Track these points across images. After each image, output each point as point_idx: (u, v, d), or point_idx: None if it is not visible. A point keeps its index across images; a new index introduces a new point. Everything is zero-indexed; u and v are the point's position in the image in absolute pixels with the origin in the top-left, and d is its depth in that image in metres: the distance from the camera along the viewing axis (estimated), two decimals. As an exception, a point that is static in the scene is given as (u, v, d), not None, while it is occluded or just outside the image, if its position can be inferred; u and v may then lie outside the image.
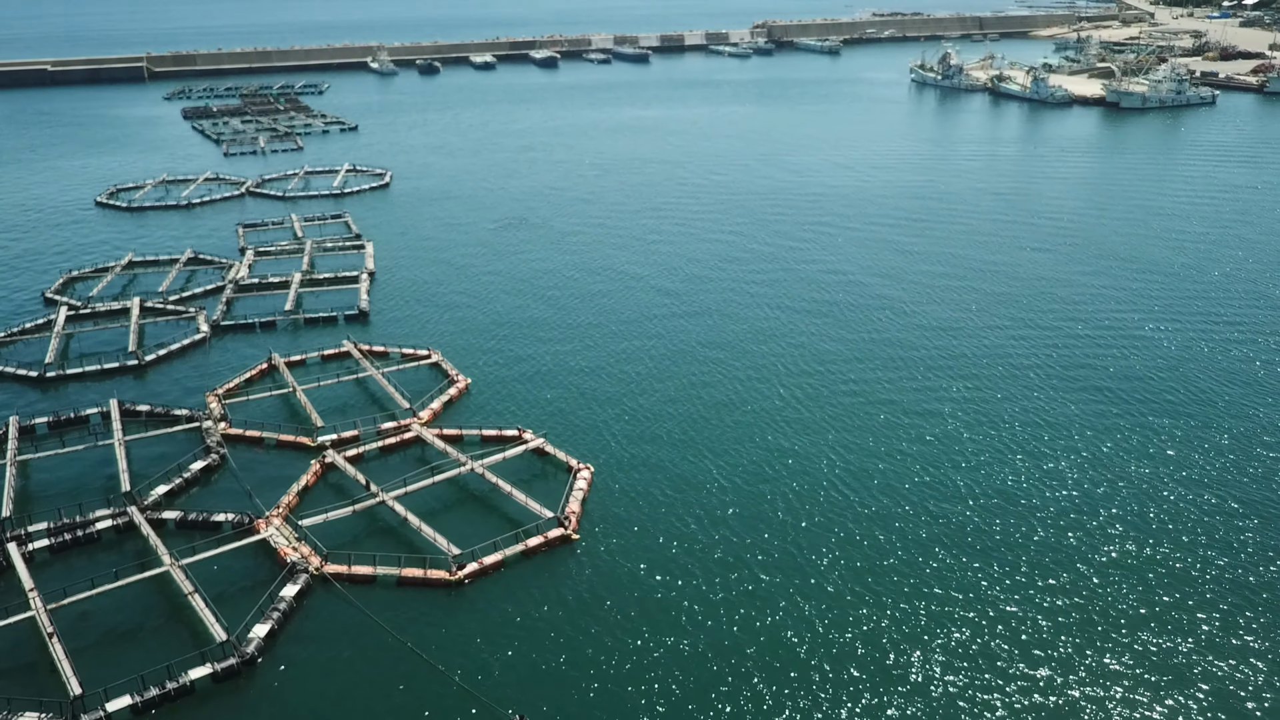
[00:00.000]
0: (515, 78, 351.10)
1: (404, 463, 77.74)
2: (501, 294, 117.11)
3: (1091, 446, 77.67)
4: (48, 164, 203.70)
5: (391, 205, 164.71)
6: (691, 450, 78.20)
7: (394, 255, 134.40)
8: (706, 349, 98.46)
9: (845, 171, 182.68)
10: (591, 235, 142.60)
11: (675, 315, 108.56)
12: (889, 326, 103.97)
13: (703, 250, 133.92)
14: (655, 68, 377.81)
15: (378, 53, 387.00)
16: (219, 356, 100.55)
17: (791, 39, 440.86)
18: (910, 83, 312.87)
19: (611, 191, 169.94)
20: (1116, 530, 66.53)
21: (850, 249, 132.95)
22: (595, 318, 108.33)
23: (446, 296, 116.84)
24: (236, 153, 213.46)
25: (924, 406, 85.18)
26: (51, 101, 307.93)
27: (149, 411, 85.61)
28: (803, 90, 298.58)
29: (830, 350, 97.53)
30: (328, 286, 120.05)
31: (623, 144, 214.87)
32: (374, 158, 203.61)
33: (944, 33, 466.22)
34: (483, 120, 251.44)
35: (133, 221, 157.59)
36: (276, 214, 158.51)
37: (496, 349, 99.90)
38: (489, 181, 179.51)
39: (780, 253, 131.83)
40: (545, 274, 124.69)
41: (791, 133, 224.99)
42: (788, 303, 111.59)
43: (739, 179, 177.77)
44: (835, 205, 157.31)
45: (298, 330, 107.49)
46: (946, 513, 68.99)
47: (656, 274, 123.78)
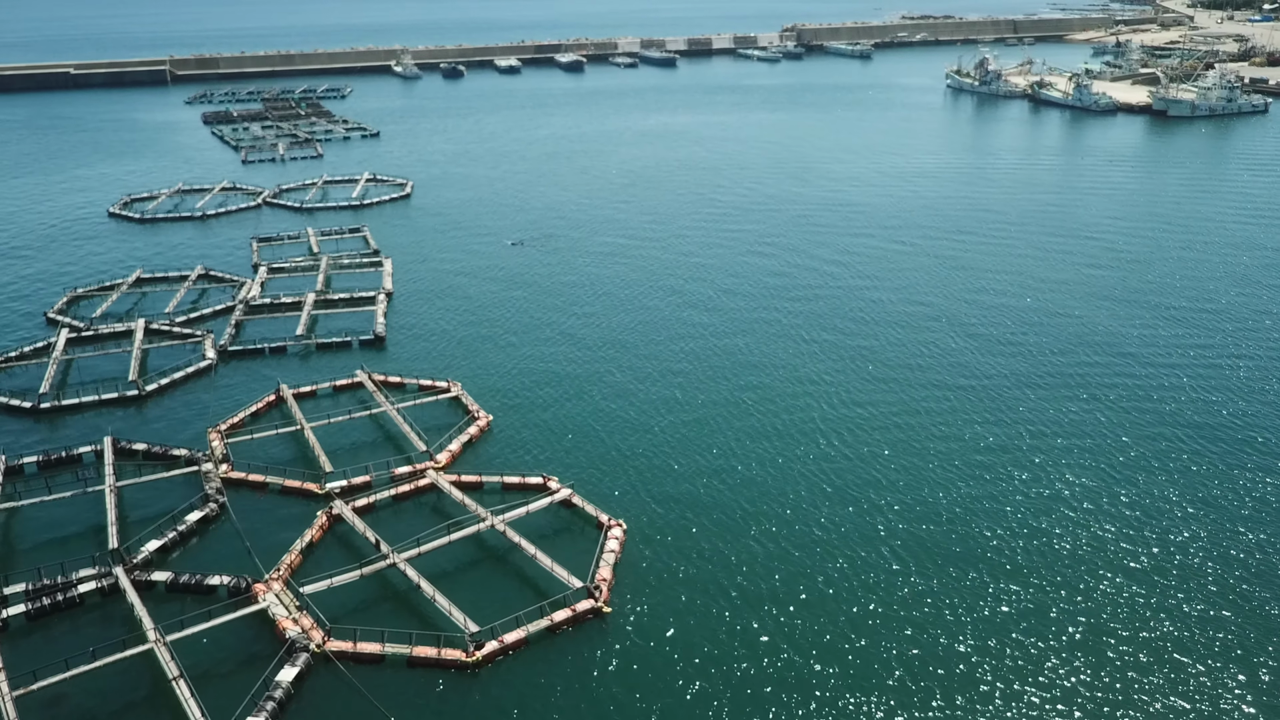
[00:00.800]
0: (540, 82, 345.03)
1: (418, 513, 71.09)
2: (525, 317, 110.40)
3: (1198, 488, 69.93)
4: (63, 172, 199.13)
5: (412, 217, 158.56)
6: (732, 505, 71.05)
7: (413, 273, 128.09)
8: (746, 376, 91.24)
9: (884, 182, 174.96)
10: (620, 251, 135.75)
11: (711, 342, 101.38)
12: (942, 354, 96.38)
13: (739, 267, 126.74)
14: (682, 72, 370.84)
15: (401, 56, 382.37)
16: (225, 385, 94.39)
17: (821, 43, 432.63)
18: (946, 88, 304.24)
19: (639, 203, 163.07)
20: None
21: (896, 267, 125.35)
22: (626, 344, 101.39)
23: (467, 320, 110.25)
24: (255, 160, 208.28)
25: (992, 442, 77.67)
26: (73, 105, 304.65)
27: (146, 451, 79.45)
28: (835, 96, 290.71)
29: (880, 384, 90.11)
30: (343, 308, 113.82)
31: (650, 152, 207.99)
32: (395, 166, 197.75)
33: (977, 36, 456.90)
34: (505, 127, 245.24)
35: (145, 234, 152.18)
36: (293, 227, 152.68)
37: (520, 380, 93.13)
38: (512, 192, 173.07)
39: (822, 271, 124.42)
40: (571, 295, 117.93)
41: (826, 141, 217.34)
42: (833, 328, 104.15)
43: (774, 190, 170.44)
44: (877, 218, 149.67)
45: (309, 356, 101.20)
46: (1043, 594, 61.58)
47: (690, 294, 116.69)
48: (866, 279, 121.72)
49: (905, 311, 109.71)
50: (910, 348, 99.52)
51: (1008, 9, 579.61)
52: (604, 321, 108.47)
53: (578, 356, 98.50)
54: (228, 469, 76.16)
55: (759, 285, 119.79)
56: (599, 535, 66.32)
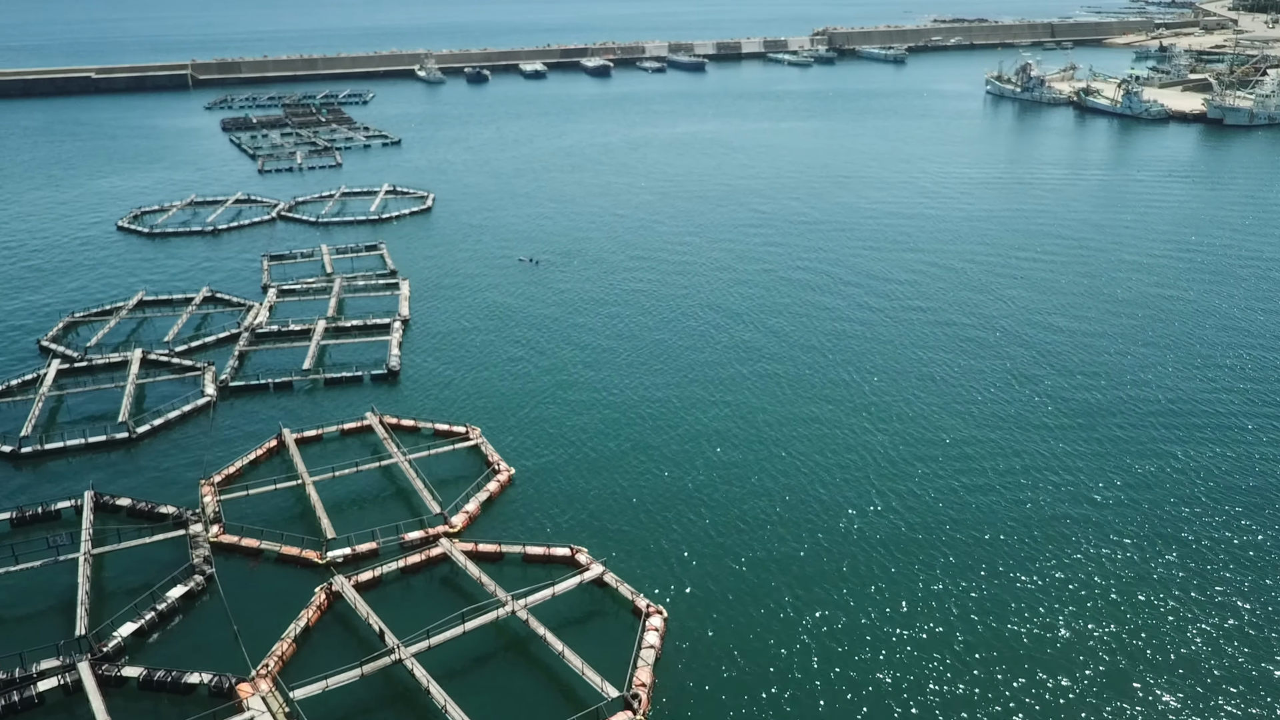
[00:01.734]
0: (566, 87, 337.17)
1: (429, 591, 62.66)
2: (551, 348, 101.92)
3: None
4: (74, 182, 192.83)
5: (432, 233, 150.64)
6: (780, 590, 62.18)
7: (432, 296, 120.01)
8: (797, 427, 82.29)
9: (929, 195, 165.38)
10: (651, 272, 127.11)
11: (755, 383, 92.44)
12: (1024, 386, 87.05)
13: (780, 289, 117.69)
14: (712, 77, 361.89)
15: (425, 60, 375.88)
16: (224, 427, 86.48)
17: (853, 47, 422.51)
18: (986, 95, 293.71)
19: (670, 218, 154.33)
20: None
21: (953, 287, 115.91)
22: (663, 379, 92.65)
23: (488, 351, 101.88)
24: (272, 169, 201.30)
25: (1075, 509, 68.40)
26: (92, 110, 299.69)
27: (130, 507, 71.55)
28: (870, 103, 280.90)
29: (954, 423, 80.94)
30: (355, 336, 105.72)
31: (680, 162, 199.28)
32: (416, 177, 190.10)
33: (1014, 40, 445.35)
34: (528, 135, 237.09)
35: (154, 250, 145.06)
36: (307, 243, 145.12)
37: (545, 425, 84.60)
38: (536, 205, 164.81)
39: (875, 291, 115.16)
40: (601, 322, 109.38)
41: (863, 151, 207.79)
42: (893, 359, 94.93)
43: (812, 203, 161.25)
44: (925, 234, 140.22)
45: (316, 393, 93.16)
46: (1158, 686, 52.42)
47: (730, 321, 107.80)
48: (923, 301, 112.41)
49: (971, 338, 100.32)
50: (985, 379, 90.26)
51: (1040, 12, 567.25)
52: (636, 354, 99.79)
53: (608, 399, 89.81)
54: (219, 531, 68.08)
55: (804, 310, 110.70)
56: (636, 624, 57.63)
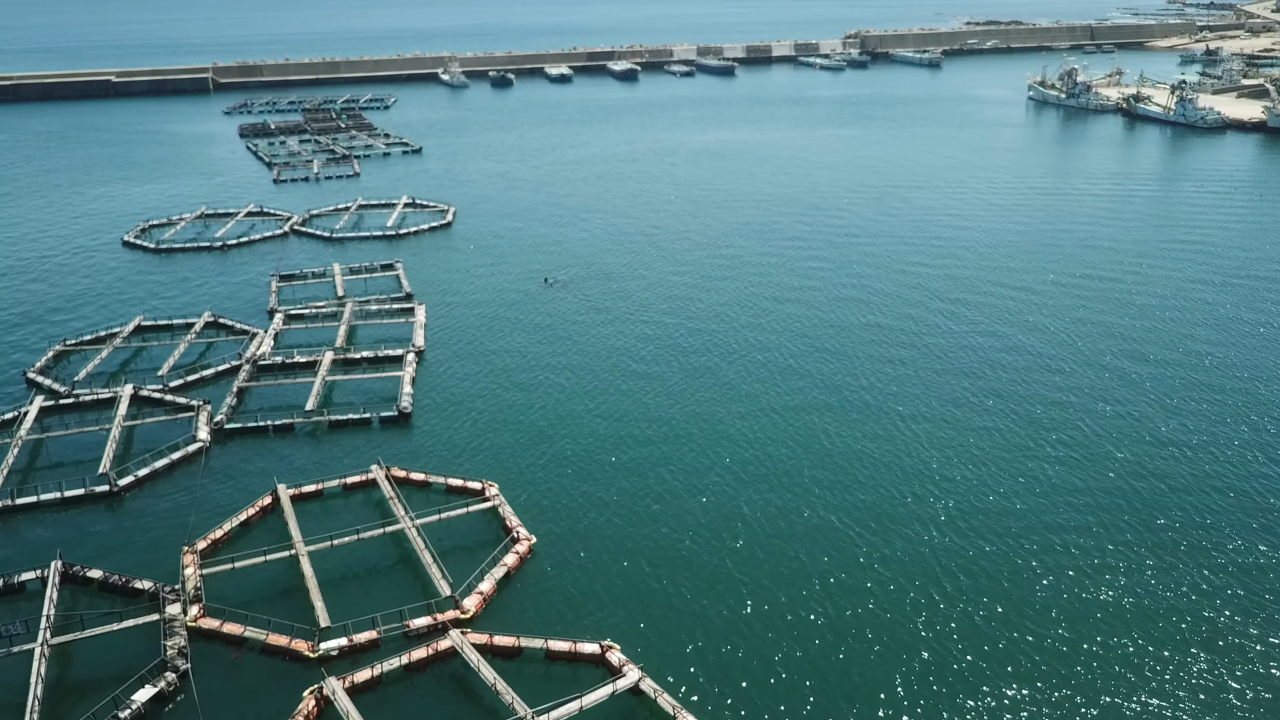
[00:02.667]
0: (591, 91, 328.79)
1: (436, 694, 54.02)
2: (579, 385, 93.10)
3: None
4: (83, 191, 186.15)
5: (452, 250, 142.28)
6: (844, 712, 53.09)
7: (449, 322, 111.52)
8: (854, 492, 73.14)
9: (976, 210, 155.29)
10: (686, 294, 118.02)
11: (806, 436, 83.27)
12: (1143, 452, 77.47)
13: (830, 315, 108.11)
14: (741, 81, 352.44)
15: (449, 64, 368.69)
16: (216, 476, 78.27)
17: (887, 50, 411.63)
18: (1028, 101, 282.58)
19: (702, 234, 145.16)
20: None
21: (1018, 313, 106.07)
22: (703, 428, 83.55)
23: (509, 388, 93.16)
24: (288, 179, 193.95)
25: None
26: (109, 115, 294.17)
27: (102, 580, 63.34)
28: (907, 109, 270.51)
29: (1033, 481, 71.51)
30: (365, 370, 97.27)
31: (710, 173, 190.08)
32: (436, 187, 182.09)
33: (1052, 43, 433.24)
34: (552, 143, 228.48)
35: (158, 267, 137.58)
36: (319, 260, 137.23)
37: (572, 478, 75.80)
38: (558, 220, 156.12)
39: (929, 322, 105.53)
40: (632, 351, 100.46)
41: (904, 161, 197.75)
42: (963, 404, 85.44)
43: (854, 218, 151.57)
44: (978, 254, 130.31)
45: (320, 437, 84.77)
46: None
47: (773, 353, 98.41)
48: (990, 333, 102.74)
49: (1050, 382, 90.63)
50: (1082, 431, 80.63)
51: (1076, 14, 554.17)
52: (674, 392, 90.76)
53: (644, 446, 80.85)
54: (199, 613, 59.64)
55: (858, 342, 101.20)
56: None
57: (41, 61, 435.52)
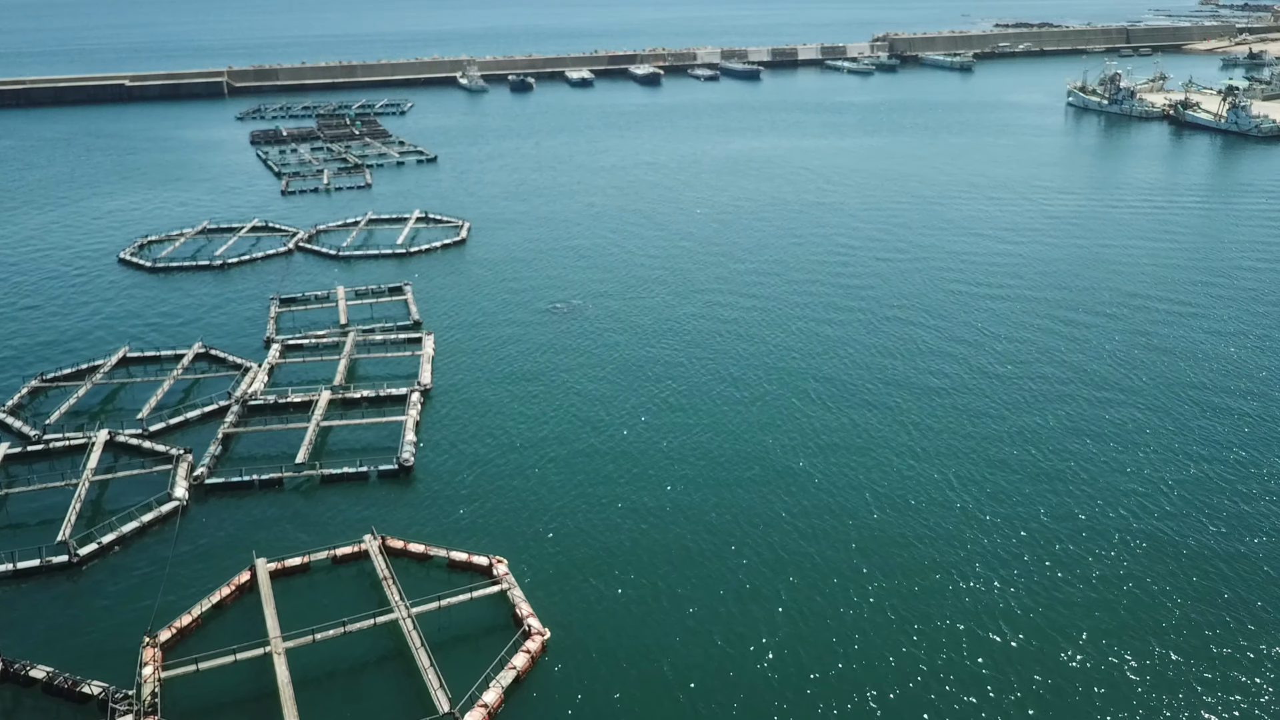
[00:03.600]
0: (613, 96, 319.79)
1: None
2: (603, 434, 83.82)
3: None
4: (84, 202, 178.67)
5: (465, 270, 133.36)
6: None
7: (459, 355, 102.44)
8: (912, 576, 63.57)
9: (1030, 228, 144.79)
10: (722, 324, 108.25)
11: (865, 510, 73.75)
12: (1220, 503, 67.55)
13: (878, 354, 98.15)
14: (767, 85, 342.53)
15: (467, 68, 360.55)
16: (191, 539, 69.53)
17: (916, 53, 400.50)
18: (1067, 107, 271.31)
19: (731, 253, 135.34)
20: None
21: (1077, 352, 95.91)
22: (752, 491, 74.17)
23: (523, 436, 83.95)
24: (297, 190, 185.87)
25: None
26: (120, 121, 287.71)
27: (47, 682, 54.61)
28: (939, 116, 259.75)
29: (1113, 554, 61.74)
30: (364, 414, 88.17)
31: (737, 185, 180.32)
32: (450, 200, 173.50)
33: (1086, 46, 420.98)
34: (570, 151, 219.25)
35: (153, 288, 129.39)
36: (324, 281, 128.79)
37: (593, 553, 66.53)
38: (577, 236, 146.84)
39: (993, 352, 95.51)
40: (660, 395, 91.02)
41: (941, 173, 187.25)
42: (1039, 455, 75.72)
43: (896, 236, 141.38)
44: (1036, 279, 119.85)
45: (311, 494, 75.90)
46: None
47: (818, 402, 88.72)
48: (1043, 364, 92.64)
49: (1124, 422, 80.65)
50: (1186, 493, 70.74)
51: (1107, 15, 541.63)
52: (708, 444, 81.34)
53: (675, 514, 71.49)
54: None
55: (917, 389, 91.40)
56: None
57: (58, 65, 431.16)
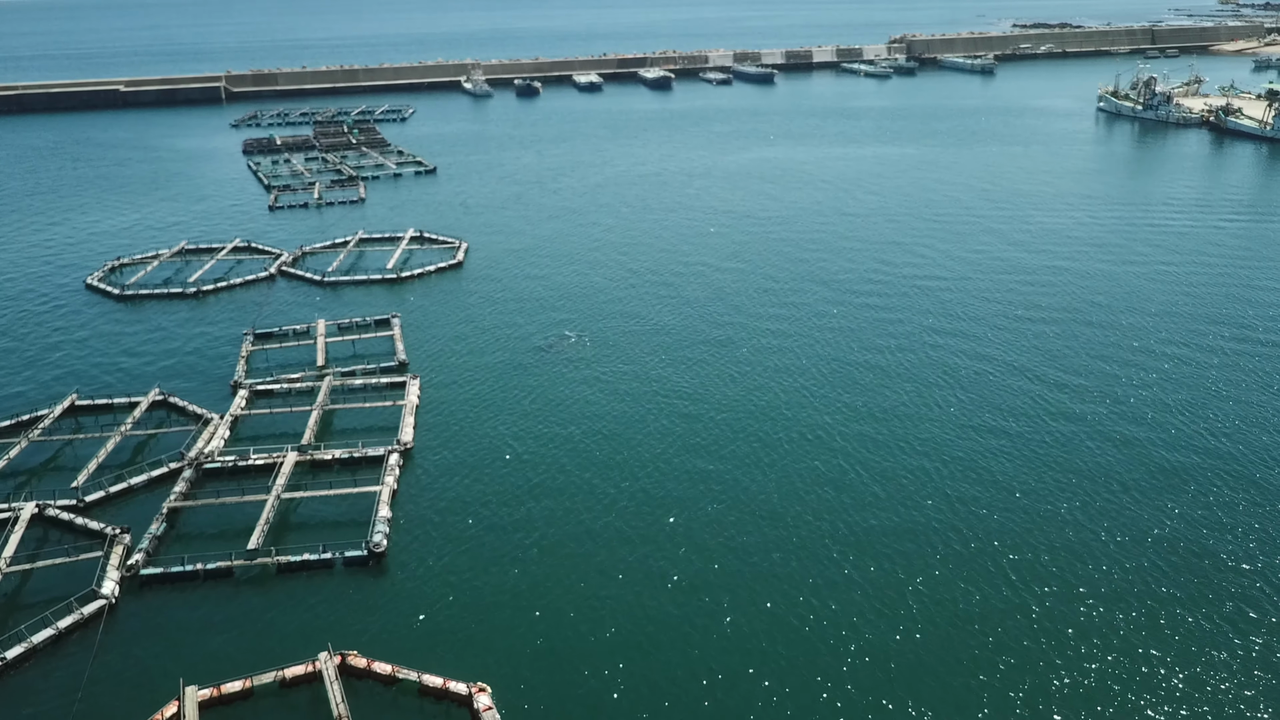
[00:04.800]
0: (622, 101, 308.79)
1: None
2: (600, 516, 72.56)
3: None
4: (60, 218, 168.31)
5: (460, 298, 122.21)
6: None
7: (447, 406, 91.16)
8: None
9: (1069, 249, 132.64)
10: (730, 370, 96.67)
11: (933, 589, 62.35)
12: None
13: (936, 406, 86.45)
14: (781, 90, 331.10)
15: (472, 72, 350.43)
16: (115, 651, 58.49)
17: (934, 55, 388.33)
18: (1097, 113, 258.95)
19: (750, 281, 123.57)
20: None
21: (1146, 394, 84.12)
22: (780, 606, 62.80)
23: (512, 517, 72.61)
24: (286, 205, 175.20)
25: None
26: (112, 128, 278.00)
27: None
28: (962, 122, 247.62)
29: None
30: (333, 485, 76.59)
31: (750, 201, 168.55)
32: (448, 216, 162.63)
33: (1110, 47, 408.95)
34: (571, 163, 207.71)
35: (119, 319, 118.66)
36: (304, 312, 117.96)
37: (603, 684, 55.25)
38: (579, 261, 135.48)
39: (1072, 394, 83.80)
40: (673, 455, 79.69)
41: (971, 187, 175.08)
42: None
43: (930, 259, 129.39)
44: (1100, 309, 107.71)
45: (264, 587, 64.80)
46: None
47: (877, 452, 77.25)
48: (1120, 420, 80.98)
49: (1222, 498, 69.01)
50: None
51: (1125, 15, 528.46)
52: (734, 526, 70.03)
53: (699, 625, 60.18)
54: None
55: (965, 430, 79.85)
56: None
57: (57, 69, 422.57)
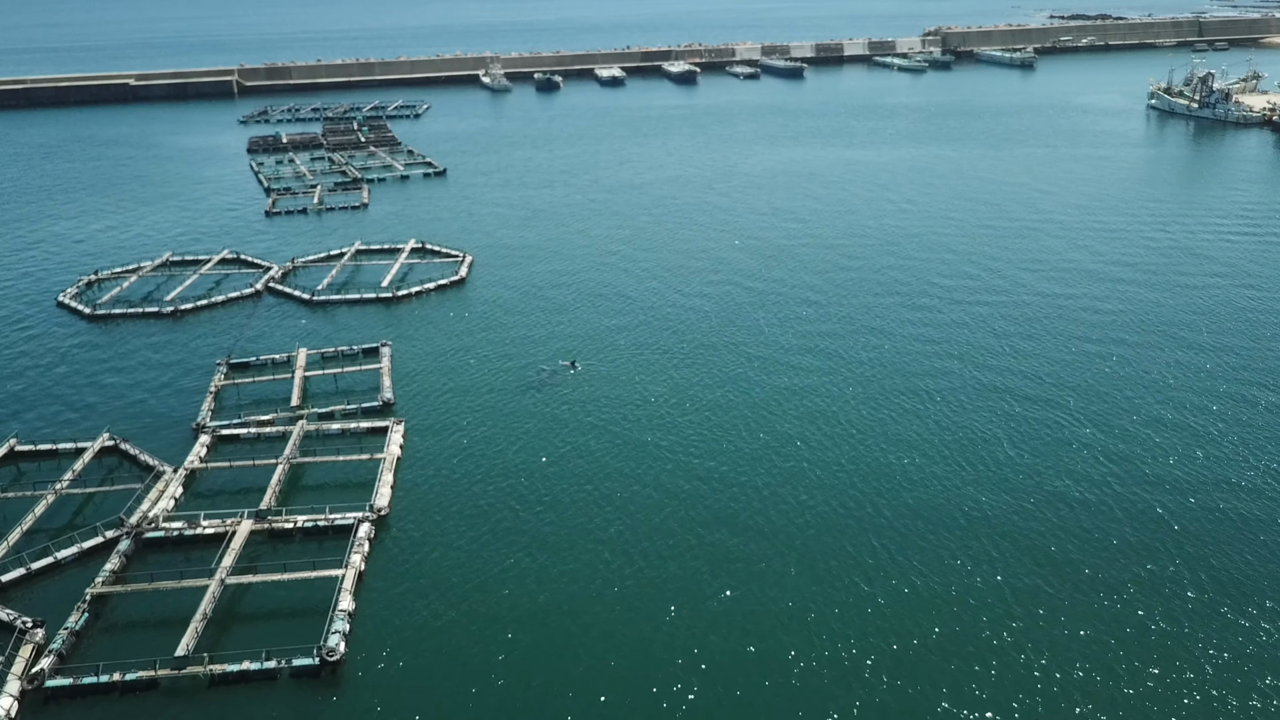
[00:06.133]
0: (644, 97, 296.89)
1: None
2: (598, 608, 61.18)
3: None
4: (41, 226, 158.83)
5: (459, 322, 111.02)
6: None
7: (431, 459, 79.77)
8: None
9: (1137, 272, 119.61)
10: (755, 412, 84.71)
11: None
12: None
13: (996, 480, 74.46)
14: (810, 85, 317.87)
15: (490, 66, 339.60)
16: (7, 795, 47.93)
17: (971, 49, 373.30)
18: (1148, 111, 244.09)
19: (777, 305, 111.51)
20: None
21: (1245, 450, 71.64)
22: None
23: (495, 606, 61.45)
24: (283, 210, 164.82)
25: None
26: (118, 124, 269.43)
27: None
28: (1002, 122, 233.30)
29: None
30: (287, 567, 65.27)
31: (777, 208, 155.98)
32: (454, 225, 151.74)
33: (1155, 40, 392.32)
34: (588, 164, 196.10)
35: (86, 342, 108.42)
36: (288, 336, 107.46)
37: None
38: (587, 279, 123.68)
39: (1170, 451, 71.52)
40: (689, 521, 68.15)
41: (1019, 195, 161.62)
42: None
43: (983, 282, 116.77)
44: (1193, 341, 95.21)
45: (196, 701, 53.89)
46: None
47: (928, 535, 65.39)
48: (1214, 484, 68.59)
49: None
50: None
51: (1166, 7, 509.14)
52: (737, 638, 58.49)
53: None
54: None
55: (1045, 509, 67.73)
56: None
57: (67, 62, 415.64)
